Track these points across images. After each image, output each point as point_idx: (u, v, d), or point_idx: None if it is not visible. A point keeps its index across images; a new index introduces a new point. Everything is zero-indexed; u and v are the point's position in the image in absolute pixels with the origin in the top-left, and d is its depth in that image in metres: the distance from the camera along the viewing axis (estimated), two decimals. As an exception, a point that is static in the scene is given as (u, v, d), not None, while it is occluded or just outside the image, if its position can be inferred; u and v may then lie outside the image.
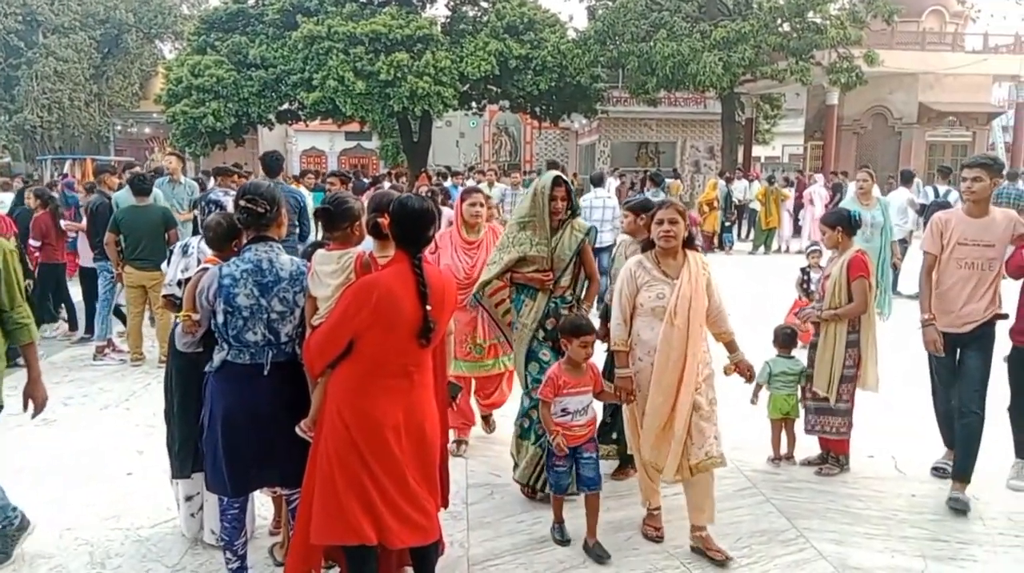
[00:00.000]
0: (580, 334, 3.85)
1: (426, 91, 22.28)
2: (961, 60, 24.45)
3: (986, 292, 4.45)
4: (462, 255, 5.08)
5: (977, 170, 4.43)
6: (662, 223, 3.87)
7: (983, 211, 4.48)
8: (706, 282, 3.91)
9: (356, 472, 3.05)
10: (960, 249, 4.47)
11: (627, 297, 3.94)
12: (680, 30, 22.01)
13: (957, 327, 4.49)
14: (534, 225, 4.36)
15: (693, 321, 3.80)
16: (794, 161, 32.48)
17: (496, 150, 37.23)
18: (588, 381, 3.94)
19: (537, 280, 4.36)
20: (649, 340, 3.88)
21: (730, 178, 19.16)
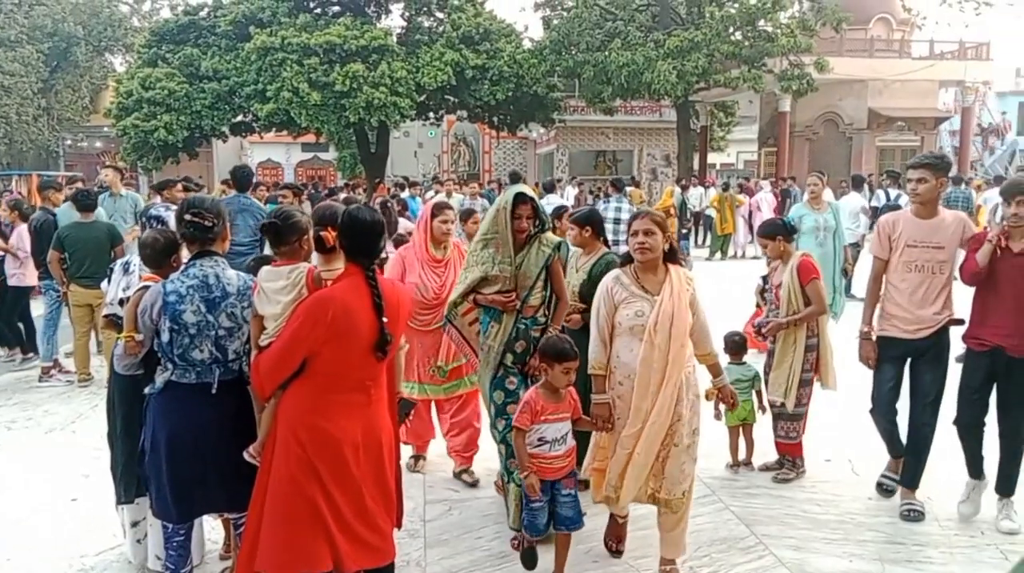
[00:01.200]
0: (564, 360, 3.54)
1: (382, 102, 22.17)
2: (908, 66, 25.01)
3: (938, 296, 4.27)
4: (430, 273, 4.77)
5: (922, 170, 4.25)
6: (637, 235, 3.61)
7: (931, 212, 4.31)
8: (690, 299, 3.63)
9: (312, 496, 2.96)
10: (909, 251, 4.30)
11: (604, 316, 3.67)
12: (634, 39, 22.21)
13: (910, 333, 4.31)
14: (496, 242, 4.04)
15: (675, 341, 3.52)
16: (749, 167, 32.97)
17: (455, 160, 37.15)
18: (567, 407, 3.64)
19: (499, 302, 4.02)
20: (629, 362, 3.60)
21: (686, 185, 19.33)
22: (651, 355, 3.52)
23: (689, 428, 3.63)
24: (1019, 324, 4.04)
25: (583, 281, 4.44)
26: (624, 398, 3.63)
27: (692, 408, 3.64)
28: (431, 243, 4.81)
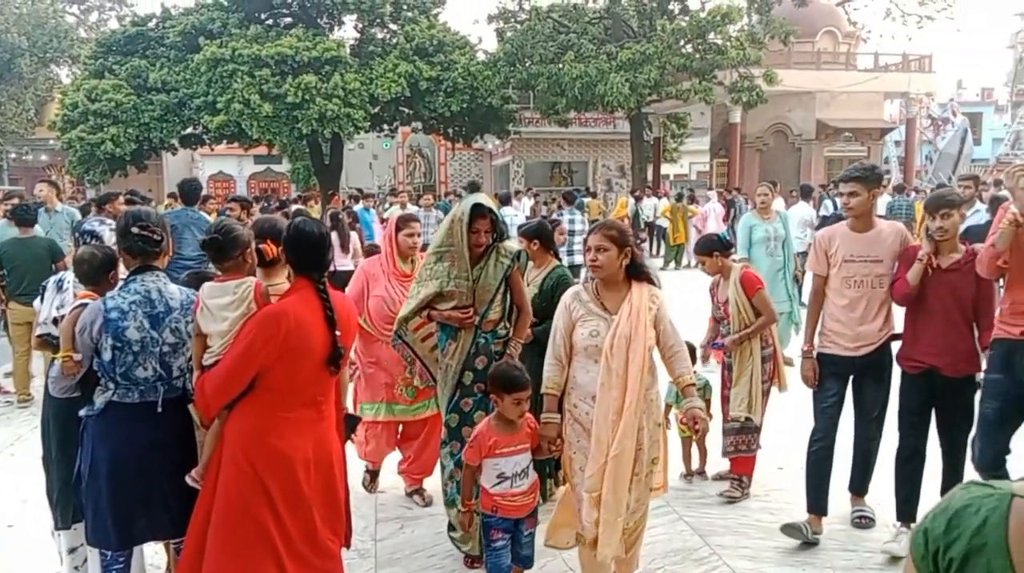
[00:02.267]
0: (513, 389, 3.31)
1: (335, 113, 21.98)
2: (854, 78, 25.59)
3: (879, 312, 4.11)
4: (397, 286, 4.55)
5: (852, 183, 4.08)
6: (589, 251, 3.42)
7: (867, 225, 4.14)
8: (654, 317, 3.38)
9: (261, 518, 2.87)
10: (847, 267, 4.12)
11: (561, 333, 3.44)
12: (587, 52, 22.37)
13: (851, 350, 4.14)
14: (451, 256, 3.83)
15: (632, 364, 3.26)
16: (702, 178, 33.34)
17: (410, 172, 37.01)
18: (523, 437, 3.40)
19: (456, 319, 3.83)
20: (585, 384, 3.38)
21: (639, 196, 19.51)
22: (609, 379, 3.28)
23: (650, 456, 3.41)
24: (950, 342, 3.91)
25: (534, 295, 4.40)
26: (581, 421, 3.39)
27: (652, 437, 3.40)
28: (398, 256, 4.64)
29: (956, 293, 3.89)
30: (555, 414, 3.43)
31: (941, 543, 1.27)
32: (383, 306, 4.52)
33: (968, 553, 1.23)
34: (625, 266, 3.41)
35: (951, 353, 3.92)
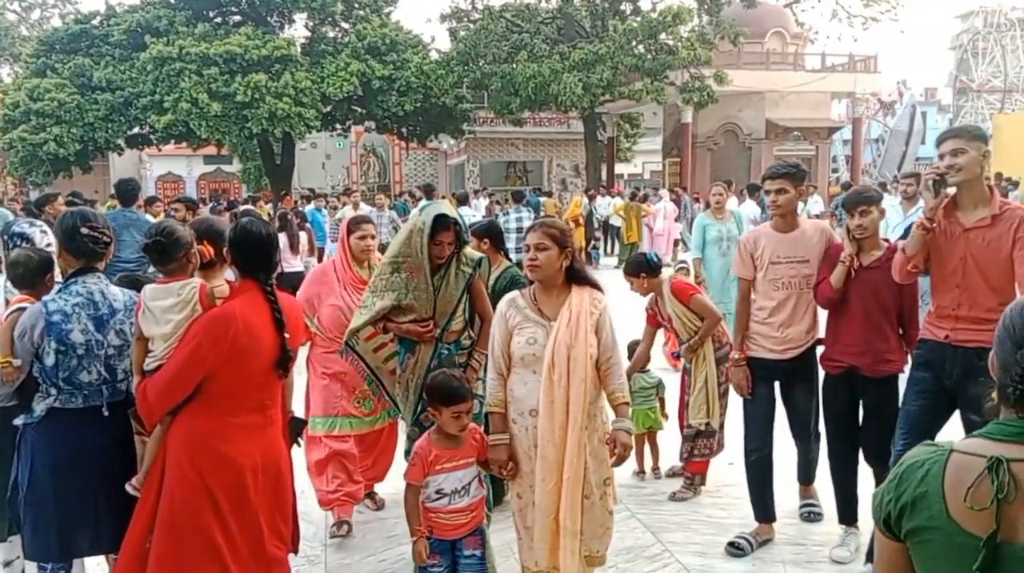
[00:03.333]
0: (451, 402, 3.08)
1: (286, 112, 21.78)
2: (802, 79, 26.04)
3: (806, 313, 4.02)
4: (354, 294, 4.28)
5: (780, 181, 3.95)
6: (528, 250, 3.15)
7: (792, 224, 4.03)
8: (595, 324, 3.13)
9: (207, 527, 2.81)
10: (774, 268, 3.99)
11: (500, 343, 3.19)
12: (540, 51, 22.46)
13: (778, 354, 4.03)
14: (409, 267, 3.64)
15: (574, 375, 3.03)
16: (655, 177, 33.68)
17: (364, 171, 36.76)
18: (468, 451, 3.16)
19: (415, 333, 3.65)
20: (522, 397, 3.14)
21: (593, 195, 19.62)
22: (551, 391, 3.04)
23: (598, 477, 3.17)
24: (870, 341, 3.81)
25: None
26: (519, 439, 3.16)
27: (597, 455, 3.16)
28: (353, 261, 4.39)
29: (877, 292, 3.78)
30: (504, 435, 3.17)
31: (892, 496, 1.41)
32: (340, 316, 4.23)
33: (913, 501, 1.38)
34: (565, 268, 3.17)
35: (871, 352, 3.80)
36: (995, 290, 3.35)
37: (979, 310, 3.36)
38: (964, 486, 1.33)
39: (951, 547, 1.33)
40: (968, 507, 1.32)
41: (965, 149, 3.31)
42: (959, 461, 1.36)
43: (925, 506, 1.37)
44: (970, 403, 3.40)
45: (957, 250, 3.41)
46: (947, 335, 3.44)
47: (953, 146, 3.33)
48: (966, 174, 3.31)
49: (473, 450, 3.18)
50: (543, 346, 3.08)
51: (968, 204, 3.39)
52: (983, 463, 1.33)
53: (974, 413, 3.40)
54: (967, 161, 3.30)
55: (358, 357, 3.93)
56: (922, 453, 1.42)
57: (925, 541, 1.38)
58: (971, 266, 3.38)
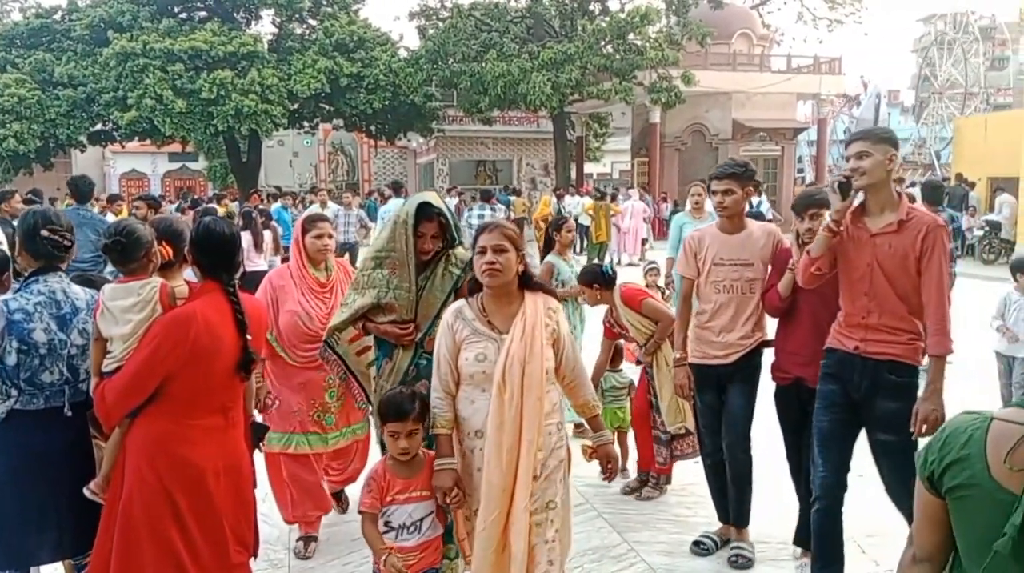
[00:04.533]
0: (388, 418, 2.87)
1: (252, 109, 21.57)
2: (768, 80, 26.30)
3: (748, 318, 3.86)
4: (313, 300, 4.00)
5: (727, 181, 3.82)
6: (484, 252, 2.81)
7: (738, 226, 3.90)
8: (551, 335, 2.88)
9: (167, 533, 2.75)
10: (717, 270, 3.86)
11: (446, 359, 2.87)
12: (509, 51, 22.48)
13: (720, 358, 3.90)
14: (392, 263, 3.35)
15: (528, 393, 2.75)
16: (624, 177, 33.84)
17: (333, 169, 36.54)
18: (425, 482, 2.89)
19: (393, 334, 3.37)
20: (470, 418, 2.87)
21: (561, 194, 19.68)
22: (501, 412, 2.75)
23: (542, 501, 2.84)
24: (817, 352, 3.53)
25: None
26: (465, 463, 2.91)
27: (550, 477, 2.86)
28: (309, 263, 4.08)
29: (827, 300, 3.54)
30: (451, 459, 2.87)
31: (936, 456, 1.59)
32: (297, 323, 3.94)
33: (956, 460, 1.54)
34: (519, 272, 2.89)
35: (816, 363, 3.51)
36: (903, 298, 3.25)
37: (889, 318, 3.26)
38: (1004, 450, 1.48)
39: (991, 503, 1.49)
40: (1008, 468, 1.46)
41: (870, 152, 3.19)
42: (999, 427, 1.51)
43: (968, 466, 1.52)
44: (877, 421, 3.31)
45: (864, 256, 3.30)
46: (857, 346, 3.32)
47: (859, 149, 3.22)
48: (870, 178, 3.20)
49: (429, 482, 2.89)
50: (494, 362, 2.79)
51: (875, 209, 3.29)
52: (1021, 430, 1.47)
53: (881, 431, 3.31)
54: (872, 165, 3.19)
55: (339, 358, 3.67)
56: (964, 420, 1.59)
57: (965, 497, 1.54)
58: (878, 273, 3.27)
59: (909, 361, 3.29)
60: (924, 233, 3.19)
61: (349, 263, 4.86)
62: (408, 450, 2.89)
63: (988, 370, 6.29)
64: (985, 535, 1.49)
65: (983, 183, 19.51)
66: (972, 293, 8.11)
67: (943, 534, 1.64)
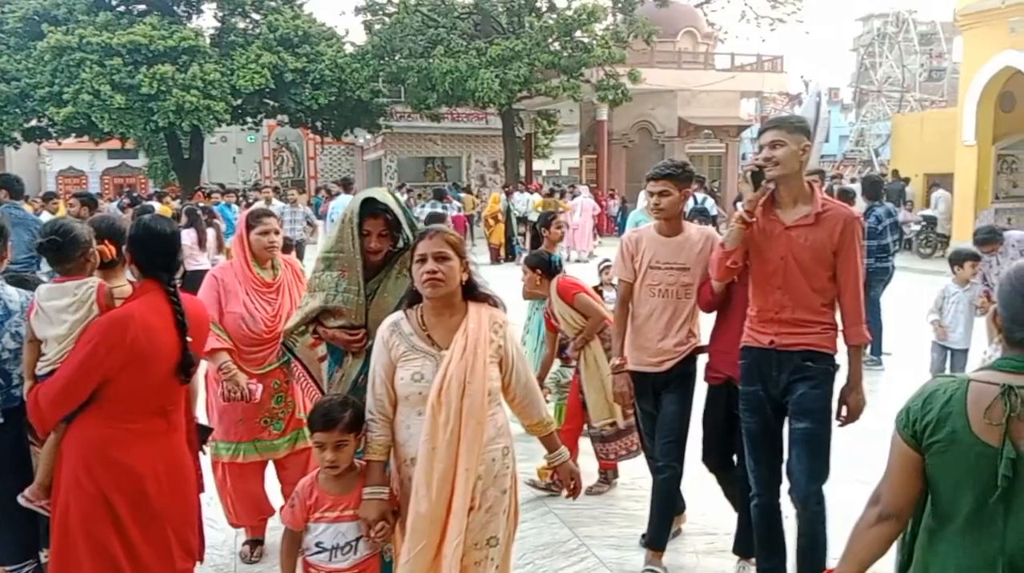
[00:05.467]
0: (319, 427, 2.66)
1: (194, 105, 21.17)
2: (713, 78, 26.69)
3: (684, 324, 3.70)
4: (258, 301, 3.78)
5: (663, 182, 3.61)
6: (424, 261, 2.57)
7: (676, 228, 3.71)
8: (497, 352, 2.64)
9: (105, 540, 2.68)
10: (652, 274, 3.69)
11: (381, 378, 2.64)
12: (457, 47, 22.44)
13: (654, 366, 3.74)
14: (341, 265, 3.13)
15: (468, 417, 2.52)
16: (573, 174, 34.02)
17: (278, 166, 36.02)
18: (359, 499, 2.67)
19: (341, 340, 3.16)
20: (405, 443, 2.63)
21: (510, 191, 19.72)
22: (434, 436, 2.52)
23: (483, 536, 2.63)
24: None
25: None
26: (403, 492, 2.67)
27: (491, 509, 2.62)
28: (253, 262, 3.84)
29: None
30: (380, 488, 2.65)
31: (919, 415, 1.79)
32: (240, 325, 3.72)
33: (939, 418, 1.76)
34: (463, 282, 2.66)
35: None
36: (817, 291, 3.21)
37: (803, 312, 3.22)
38: (983, 407, 1.71)
39: (969, 454, 1.71)
40: (987, 423, 1.70)
41: (784, 141, 3.11)
42: (977, 388, 1.74)
43: (949, 422, 1.74)
44: (797, 410, 3.25)
45: (777, 249, 3.22)
46: (771, 341, 3.27)
47: (772, 137, 3.14)
48: (783, 168, 3.13)
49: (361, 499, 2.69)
50: (431, 383, 2.55)
51: (787, 200, 3.22)
52: (997, 389, 1.71)
53: (800, 420, 3.24)
54: (785, 155, 3.11)
55: (300, 363, 3.42)
56: (942, 382, 1.81)
57: (946, 450, 1.75)
58: (792, 266, 3.19)
59: (825, 349, 3.27)
60: (842, 226, 3.16)
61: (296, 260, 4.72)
62: (336, 463, 2.68)
63: (925, 360, 6.45)
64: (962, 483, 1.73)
65: (920, 179, 20.08)
66: (909, 286, 8.33)
67: (916, 489, 1.83)
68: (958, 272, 6.01)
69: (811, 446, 3.25)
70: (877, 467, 1.98)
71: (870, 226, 7.73)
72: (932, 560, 1.83)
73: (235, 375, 3.63)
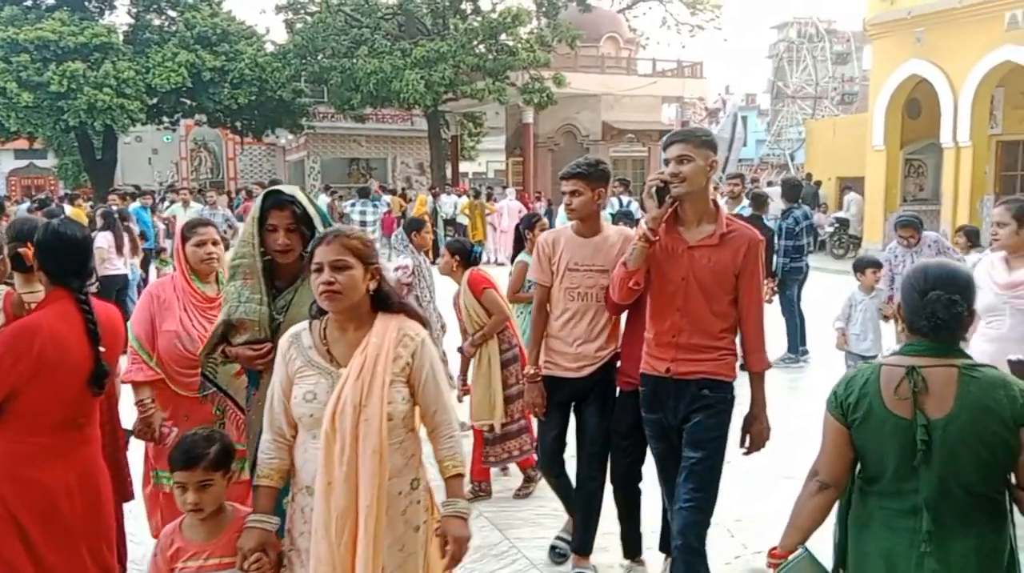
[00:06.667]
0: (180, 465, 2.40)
1: (107, 104, 20.44)
2: (635, 82, 27.17)
3: (604, 328, 3.57)
4: (197, 318, 3.44)
5: (574, 181, 3.48)
6: (321, 270, 2.30)
7: (593, 229, 3.58)
8: (403, 371, 2.34)
9: (16, 562, 2.55)
10: (570, 276, 3.54)
11: (279, 394, 2.40)
12: (381, 47, 22.27)
13: (574, 371, 3.60)
14: (244, 271, 2.81)
15: (364, 444, 2.24)
16: (499, 176, 34.09)
17: (196, 167, 35.05)
18: (228, 546, 2.39)
19: (246, 358, 2.84)
20: (300, 468, 2.38)
21: (436, 193, 19.67)
22: (330, 468, 2.25)
23: None
24: None
25: None
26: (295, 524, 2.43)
27: (406, 550, 2.36)
28: (192, 275, 3.52)
29: None
30: (265, 518, 2.37)
31: (843, 396, 2.14)
32: (176, 344, 3.40)
33: (859, 397, 2.10)
34: (371, 292, 2.39)
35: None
36: (718, 315, 3.09)
37: (701, 337, 3.09)
38: (893, 386, 2.06)
39: (886, 425, 2.06)
40: (897, 398, 2.05)
41: (692, 157, 2.96)
42: (887, 370, 2.10)
43: (868, 400, 2.09)
44: (690, 440, 3.13)
45: (679, 269, 3.08)
46: (668, 368, 3.14)
47: (680, 152, 2.98)
48: (690, 185, 2.97)
49: (231, 543, 2.39)
50: (324, 404, 2.29)
51: (692, 219, 3.08)
52: (903, 371, 2.06)
53: (693, 449, 3.12)
54: (692, 171, 2.96)
55: (224, 394, 3.12)
56: (860, 369, 2.19)
57: (866, 423, 2.09)
58: (694, 288, 3.06)
59: (722, 377, 3.15)
60: (746, 248, 3.05)
61: None
62: (200, 505, 2.40)
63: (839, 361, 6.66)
64: (884, 448, 2.08)
65: (832, 182, 20.83)
66: (824, 286, 8.62)
67: (848, 459, 2.16)
68: (861, 279, 6.07)
69: (700, 478, 3.12)
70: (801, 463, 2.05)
71: (788, 227, 8.03)
72: (864, 513, 2.16)
73: (151, 416, 3.38)
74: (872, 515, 2.13)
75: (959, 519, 2.03)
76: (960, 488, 2.02)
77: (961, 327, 2.09)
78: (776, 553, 2.23)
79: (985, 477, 2.03)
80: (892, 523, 2.09)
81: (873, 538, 2.12)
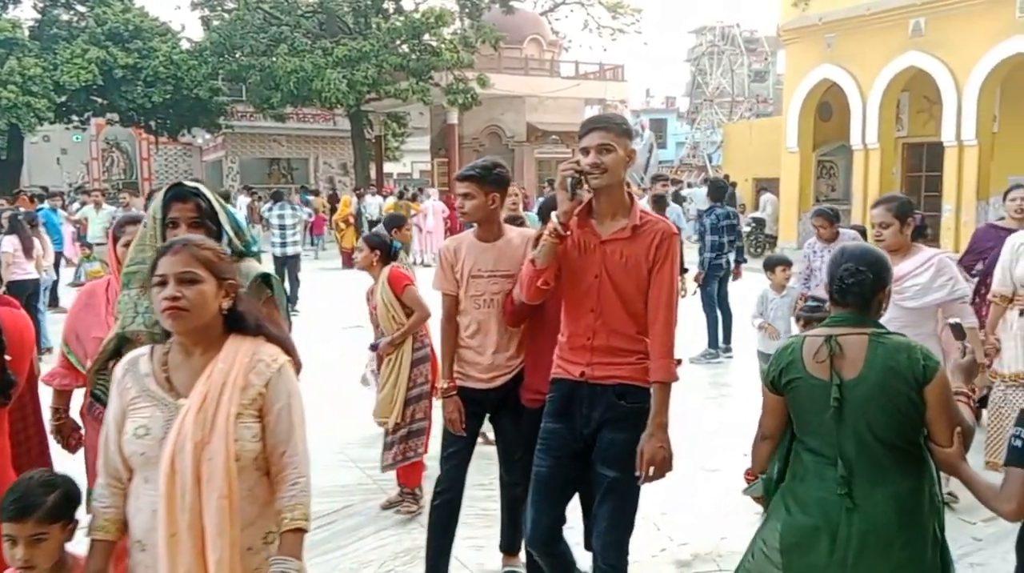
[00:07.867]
0: (10, 516, 2.00)
1: (12, 102, 19.62)
2: (559, 85, 27.43)
3: (515, 336, 3.43)
4: None
5: (467, 184, 3.30)
6: (164, 284, 1.99)
7: (493, 234, 3.40)
8: (253, 402, 2.03)
9: None
10: (475, 283, 3.37)
11: (113, 429, 2.07)
12: (301, 46, 21.94)
13: (485, 382, 3.44)
14: (140, 279, 2.51)
15: (208, 488, 1.94)
16: (424, 177, 33.95)
17: (108, 167, 33.82)
18: None
19: None
20: (132, 520, 2.05)
21: (361, 193, 19.46)
22: (172, 517, 1.94)
23: None
24: None
25: None
26: None
27: None
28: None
29: None
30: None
31: (774, 369, 2.44)
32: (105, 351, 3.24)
33: (787, 365, 2.40)
34: (224, 312, 2.08)
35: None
36: (632, 315, 2.84)
37: (616, 339, 2.85)
38: (813, 352, 2.34)
39: (809, 388, 2.35)
40: (816, 362, 2.33)
41: (613, 146, 2.73)
42: (809, 340, 2.38)
43: (794, 367, 2.37)
44: (604, 455, 2.88)
45: (592, 266, 2.84)
46: (583, 372, 2.89)
47: (601, 140, 2.73)
48: (611, 177, 2.75)
49: None
50: (160, 441, 1.97)
51: (606, 212, 2.84)
52: (822, 339, 2.34)
53: (608, 466, 2.87)
54: (613, 162, 2.73)
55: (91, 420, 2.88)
56: (788, 341, 2.48)
57: (795, 388, 2.38)
58: (607, 286, 2.82)
59: (639, 382, 2.85)
60: (658, 240, 2.80)
61: None
62: (32, 562, 2.01)
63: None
64: (809, 408, 2.36)
65: (749, 183, 21.44)
66: (741, 284, 8.85)
67: (782, 419, 2.48)
68: (771, 277, 6.12)
69: (616, 496, 2.89)
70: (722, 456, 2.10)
71: (711, 223, 8.25)
72: (801, 466, 2.43)
73: (63, 425, 3.16)
74: (807, 468, 2.41)
75: (876, 468, 2.30)
76: (876, 440, 2.29)
77: (866, 292, 2.34)
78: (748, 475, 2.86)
79: (897, 431, 2.30)
80: (822, 473, 2.35)
81: (809, 487, 2.39)
